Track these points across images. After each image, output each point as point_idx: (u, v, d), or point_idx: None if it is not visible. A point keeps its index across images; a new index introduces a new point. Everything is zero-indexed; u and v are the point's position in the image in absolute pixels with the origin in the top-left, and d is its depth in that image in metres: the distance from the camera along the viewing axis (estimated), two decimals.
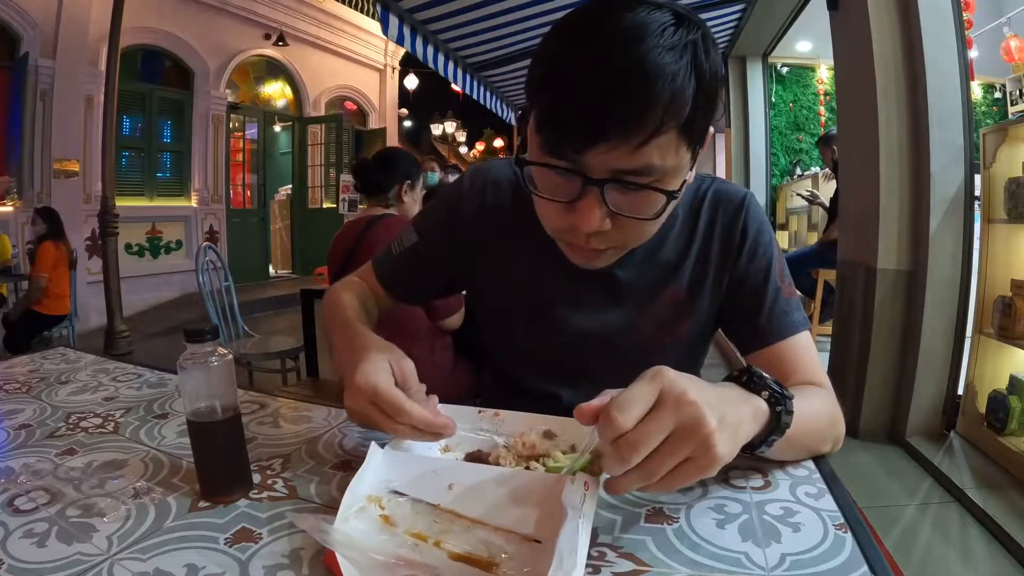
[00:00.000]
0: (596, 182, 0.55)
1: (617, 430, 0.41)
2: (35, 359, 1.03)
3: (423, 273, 0.83)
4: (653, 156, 0.53)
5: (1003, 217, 2.05)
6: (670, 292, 0.74)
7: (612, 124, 0.51)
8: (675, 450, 0.41)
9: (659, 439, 0.41)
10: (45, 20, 5.01)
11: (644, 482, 0.42)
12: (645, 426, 0.41)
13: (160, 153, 6.42)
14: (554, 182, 0.58)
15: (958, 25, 2.23)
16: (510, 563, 0.43)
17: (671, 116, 0.52)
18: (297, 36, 7.61)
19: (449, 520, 0.47)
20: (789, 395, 0.51)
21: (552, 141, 0.55)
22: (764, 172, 5.31)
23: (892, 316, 2.36)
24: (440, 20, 3.65)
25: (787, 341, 0.70)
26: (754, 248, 0.73)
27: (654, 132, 0.52)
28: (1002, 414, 2.01)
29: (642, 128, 0.51)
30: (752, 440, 0.49)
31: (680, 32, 0.53)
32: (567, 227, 0.60)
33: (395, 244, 0.83)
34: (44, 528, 0.49)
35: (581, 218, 0.57)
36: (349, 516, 0.46)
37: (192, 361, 0.52)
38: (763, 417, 0.49)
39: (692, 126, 0.54)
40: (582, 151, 0.53)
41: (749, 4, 4.16)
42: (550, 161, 0.56)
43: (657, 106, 0.51)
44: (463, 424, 0.61)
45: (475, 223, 0.78)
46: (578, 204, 0.57)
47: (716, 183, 0.76)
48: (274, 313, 5.87)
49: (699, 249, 0.74)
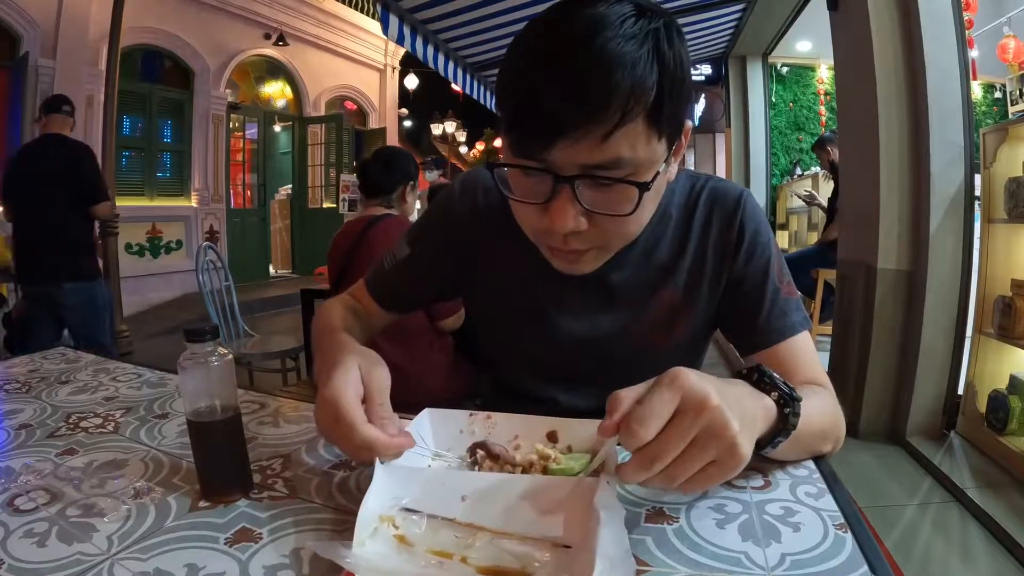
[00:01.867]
0: (566, 179, 0.54)
1: (639, 442, 0.40)
2: (35, 359, 1.03)
3: (417, 283, 0.83)
4: (622, 148, 0.53)
5: (1003, 217, 2.05)
6: (665, 294, 0.73)
7: (572, 118, 0.51)
8: (699, 455, 0.41)
9: (682, 446, 0.41)
10: (45, 20, 5.01)
11: (667, 485, 0.42)
12: (667, 435, 0.41)
13: (160, 153, 6.42)
14: (527, 184, 0.58)
15: (958, 25, 2.23)
16: (544, 572, 0.42)
17: (635, 104, 0.51)
18: (297, 36, 7.61)
19: (470, 533, 0.45)
20: (798, 397, 0.50)
21: (519, 141, 0.55)
22: (764, 172, 5.31)
23: (892, 316, 2.36)
24: (440, 20, 3.65)
25: (786, 343, 0.69)
26: (752, 248, 0.71)
27: (618, 123, 0.51)
28: (1002, 414, 2.01)
29: (604, 119, 0.51)
30: (759, 440, 0.49)
31: (641, 22, 0.52)
32: (544, 229, 0.59)
33: (387, 259, 0.83)
34: (44, 528, 0.49)
35: (555, 218, 0.56)
36: (364, 540, 0.44)
37: (192, 361, 0.52)
38: (771, 417, 0.49)
39: (659, 114, 0.53)
40: (548, 148, 0.53)
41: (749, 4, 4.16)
42: (519, 162, 0.56)
43: (618, 95, 0.51)
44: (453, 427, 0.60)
45: (469, 227, 0.78)
46: (551, 204, 0.56)
47: (712, 181, 0.75)
48: (274, 313, 5.87)
49: (695, 250, 0.73)
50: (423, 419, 0.61)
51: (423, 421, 0.61)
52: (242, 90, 7.40)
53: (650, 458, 0.41)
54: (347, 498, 0.54)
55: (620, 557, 0.39)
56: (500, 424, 0.62)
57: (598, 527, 0.40)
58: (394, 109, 9.80)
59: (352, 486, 0.56)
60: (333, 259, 1.88)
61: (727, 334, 0.76)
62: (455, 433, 0.61)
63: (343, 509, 0.52)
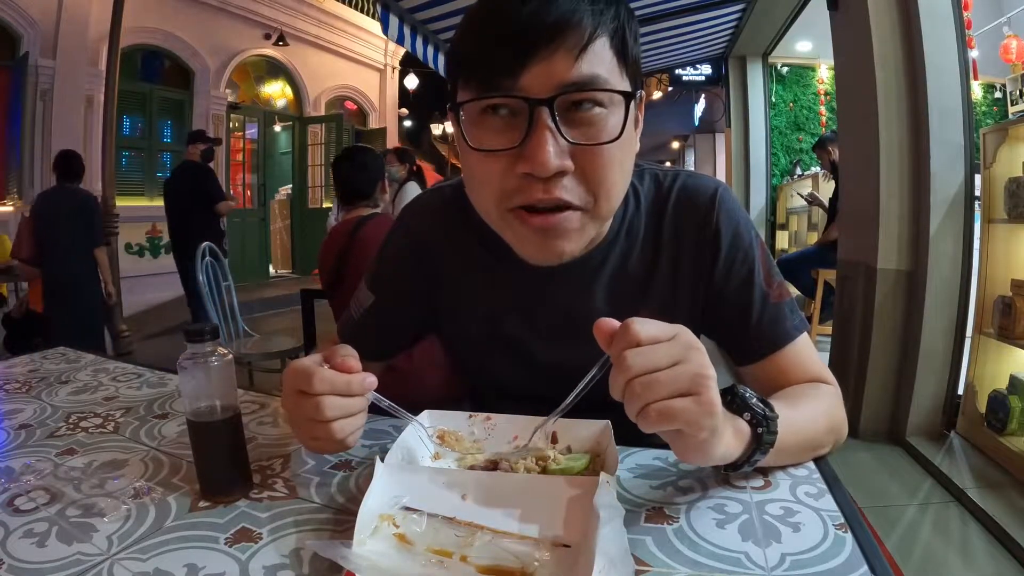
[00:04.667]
0: (543, 101, 0.50)
1: (633, 337, 0.42)
2: (35, 359, 1.03)
3: (387, 330, 0.78)
4: (595, 66, 0.52)
5: (1003, 217, 2.05)
6: (641, 316, 0.70)
7: (545, 31, 0.50)
8: (675, 377, 0.42)
9: (664, 361, 0.42)
10: (45, 20, 5.01)
11: (641, 397, 0.42)
12: (654, 347, 0.43)
13: (160, 153, 6.41)
14: (496, 126, 0.53)
15: (958, 25, 2.23)
16: (544, 571, 0.42)
17: (602, 20, 0.52)
18: (297, 36, 7.60)
19: (471, 532, 0.46)
20: (772, 415, 0.51)
21: (486, 71, 0.52)
22: (764, 172, 5.31)
23: (892, 316, 2.36)
24: (440, 20, 3.65)
25: (783, 351, 0.65)
26: (732, 255, 0.65)
27: (589, 36, 0.51)
28: (1002, 414, 2.01)
29: (576, 32, 0.51)
30: (736, 460, 0.50)
31: None
32: (516, 186, 0.54)
33: (354, 308, 0.78)
34: (44, 528, 0.49)
35: (537, 156, 0.51)
36: (365, 539, 0.44)
37: (192, 361, 0.52)
38: (744, 437, 0.50)
39: (624, 43, 0.54)
40: (521, 70, 0.50)
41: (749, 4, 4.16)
42: (490, 96, 0.52)
43: (583, 8, 0.51)
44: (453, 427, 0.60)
45: (425, 261, 0.73)
46: (529, 141, 0.51)
47: (681, 178, 0.68)
48: (274, 313, 5.86)
49: (667, 263, 0.66)
50: (423, 419, 0.61)
51: (423, 421, 0.61)
52: (242, 90, 7.39)
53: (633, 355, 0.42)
54: (347, 498, 0.54)
55: (619, 556, 0.39)
56: (500, 424, 0.62)
57: (598, 526, 0.40)
58: (394, 109, 9.79)
59: (352, 486, 0.56)
60: (324, 265, 1.87)
61: (718, 345, 0.70)
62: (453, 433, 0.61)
63: (343, 509, 0.52)
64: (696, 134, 10.25)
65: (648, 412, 0.42)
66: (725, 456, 0.48)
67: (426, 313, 0.77)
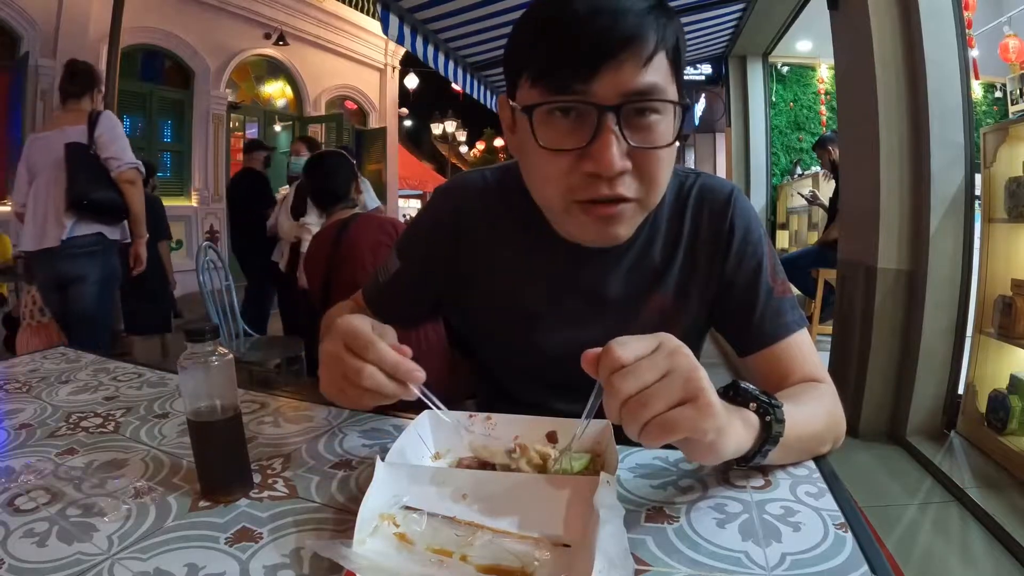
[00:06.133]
0: (611, 108, 0.55)
1: (616, 361, 0.42)
2: (35, 359, 1.03)
3: (411, 296, 0.81)
4: (657, 76, 0.56)
5: (1003, 216, 2.05)
6: (656, 300, 0.73)
7: (617, 41, 0.54)
8: (667, 388, 0.42)
9: (653, 375, 0.42)
10: (45, 20, 5.01)
11: (637, 417, 0.42)
12: (640, 362, 0.43)
13: (160, 153, 6.42)
14: (563, 128, 0.58)
15: (958, 24, 2.23)
16: (544, 570, 0.42)
17: (664, 34, 0.56)
18: (297, 36, 7.61)
19: (471, 532, 0.46)
20: (777, 404, 0.51)
21: (559, 76, 0.56)
22: (764, 172, 5.31)
23: (892, 316, 2.36)
24: (440, 20, 3.64)
25: (783, 343, 0.68)
26: (743, 249, 0.70)
27: (655, 47, 0.56)
28: (1002, 413, 2.01)
29: (644, 42, 0.55)
30: (747, 453, 0.50)
31: None
32: (581, 183, 0.58)
33: (381, 272, 0.81)
34: (45, 528, 0.49)
35: (601, 156, 0.56)
36: (365, 538, 0.44)
37: (192, 361, 0.52)
38: (753, 427, 0.50)
39: (678, 56, 0.59)
40: (592, 76, 0.55)
41: (749, 4, 4.16)
42: (561, 99, 0.56)
43: (650, 22, 0.55)
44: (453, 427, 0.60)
45: (456, 236, 0.76)
46: (595, 144, 0.56)
47: (701, 179, 0.74)
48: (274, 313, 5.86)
49: (685, 253, 0.72)
50: (423, 419, 0.61)
51: (423, 421, 0.61)
52: (242, 90, 7.40)
53: (622, 377, 0.42)
54: (347, 497, 0.54)
55: (619, 556, 0.39)
56: (500, 425, 0.62)
57: (597, 526, 0.40)
58: (394, 109, 9.80)
59: (352, 485, 0.56)
60: (311, 269, 1.86)
61: (723, 335, 0.75)
62: (455, 433, 0.61)
63: (343, 508, 0.52)
64: (696, 134, 10.23)
65: (649, 429, 0.42)
66: (738, 450, 0.49)
67: (445, 285, 0.79)
